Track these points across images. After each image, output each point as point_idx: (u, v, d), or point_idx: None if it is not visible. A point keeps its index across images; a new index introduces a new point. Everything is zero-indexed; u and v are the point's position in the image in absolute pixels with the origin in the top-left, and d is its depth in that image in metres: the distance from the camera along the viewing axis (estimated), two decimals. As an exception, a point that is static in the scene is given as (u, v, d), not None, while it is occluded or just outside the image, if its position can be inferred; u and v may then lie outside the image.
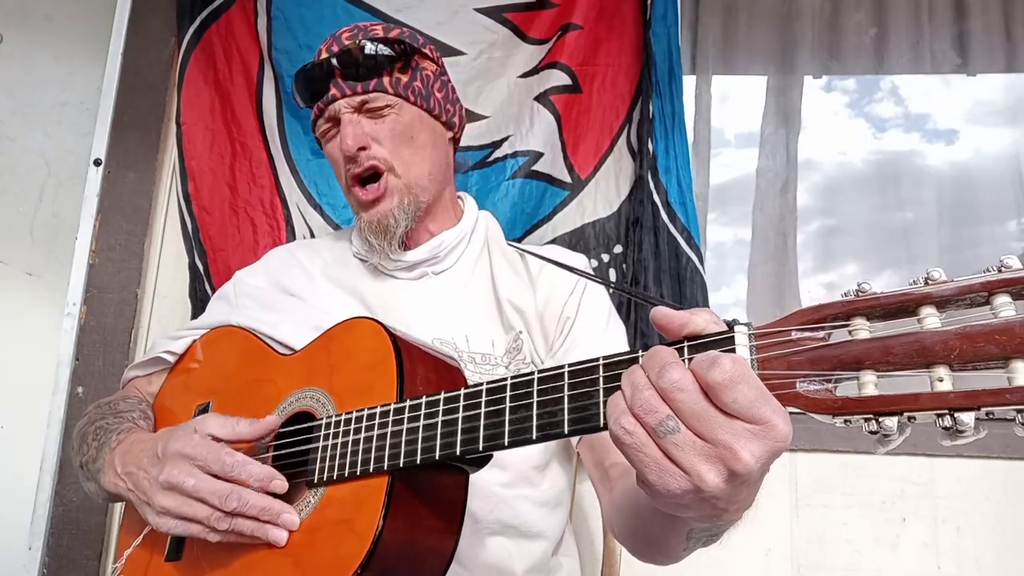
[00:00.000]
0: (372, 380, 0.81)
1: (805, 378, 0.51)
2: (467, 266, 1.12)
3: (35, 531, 1.61)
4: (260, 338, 1.02)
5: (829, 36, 1.90)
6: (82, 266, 1.71)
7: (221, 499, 0.77)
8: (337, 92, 1.03)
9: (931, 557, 1.50)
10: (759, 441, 0.49)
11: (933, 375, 0.47)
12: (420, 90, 1.07)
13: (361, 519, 0.74)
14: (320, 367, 0.89)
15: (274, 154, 1.74)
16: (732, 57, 1.91)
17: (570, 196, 1.69)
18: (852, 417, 0.50)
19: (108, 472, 0.89)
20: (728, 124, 1.72)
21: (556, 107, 1.71)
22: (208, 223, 1.70)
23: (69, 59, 1.92)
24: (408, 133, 1.05)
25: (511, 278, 1.09)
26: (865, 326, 0.51)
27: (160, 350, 1.10)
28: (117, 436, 0.93)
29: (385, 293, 1.09)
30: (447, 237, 1.11)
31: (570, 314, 1.05)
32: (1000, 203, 1.83)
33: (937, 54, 1.87)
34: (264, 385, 0.94)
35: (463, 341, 1.02)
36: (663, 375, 0.51)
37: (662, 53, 1.68)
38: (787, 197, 1.82)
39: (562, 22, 1.74)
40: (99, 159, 1.75)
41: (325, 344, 0.91)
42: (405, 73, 1.06)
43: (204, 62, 1.77)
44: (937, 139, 1.93)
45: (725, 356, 0.50)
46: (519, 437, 0.65)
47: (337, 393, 0.85)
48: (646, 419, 0.52)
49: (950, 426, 0.46)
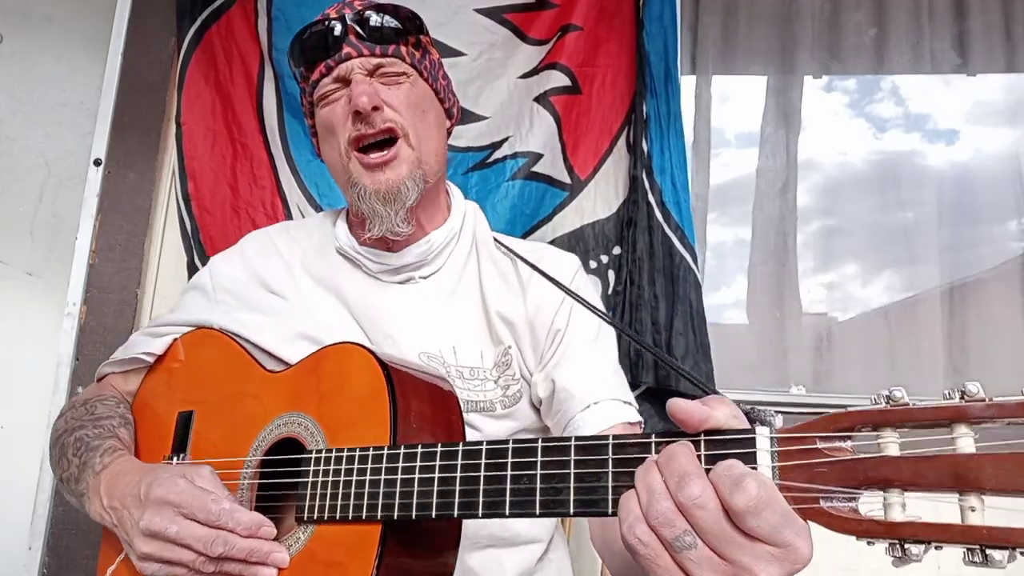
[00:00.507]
0: (365, 416, 0.78)
1: (829, 495, 0.48)
2: (455, 269, 1.06)
3: (35, 531, 1.61)
4: (243, 346, 0.98)
5: (829, 36, 1.90)
6: (82, 266, 1.71)
7: (206, 545, 0.75)
8: (352, 51, 0.96)
9: (931, 557, 1.50)
10: (779, 564, 0.48)
11: (965, 503, 0.45)
12: (430, 69, 1.03)
13: (353, 566, 0.72)
14: (308, 392, 0.86)
15: (275, 154, 1.74)
16: (732, 57, 1.91)
17: (570, 197, 1.69)
18: (877, 540, 0.48)
19: (93, 501, 0.86)
20: (728, 124, 1.73)
21: (556, 108, 1.71)
22: (209, 223, 1.70)
23: (69, 59, 1.92)
24: (421, 106, 0.99)
25: (500, 287, 1.04)
26: (894, 439, 0.48)
27: (138, 350, 1.05)
28: (100, 458, 0.89)
29: (369, 297, 1.03)
30: (436, 238, 1.04)
31: (560, 325, 1.01)
32: (1000, 203, 1.83)
33: (937, 54, 1.87)
34: (249, 401, 0.91)
35: (451, 354, 0.98)
36: (683, 488, 0.49)
37: (658, 53, 1.68)
38: (787, 197, 1.83)
39: (562, 23, 1.74)
40: (99, 159, 1.75)
41: (314, 367, 0.87)
42: (418, 50, 1.02)
43: (205, 63, 1.77)
44: (937, 139, 1.93)
45: (749, 478, 0.48)
46: (521, 510, 0.62)
47: (327, 424, 0.81)
48: (663, 532, 0.50)
49: (980, 561, 0.45)
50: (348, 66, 0.97)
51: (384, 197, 0.96)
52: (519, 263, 1.06)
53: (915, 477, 0.46)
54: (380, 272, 1.04)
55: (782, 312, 1.80)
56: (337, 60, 0.97)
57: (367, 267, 1.05)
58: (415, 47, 1.01)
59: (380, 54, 0.97)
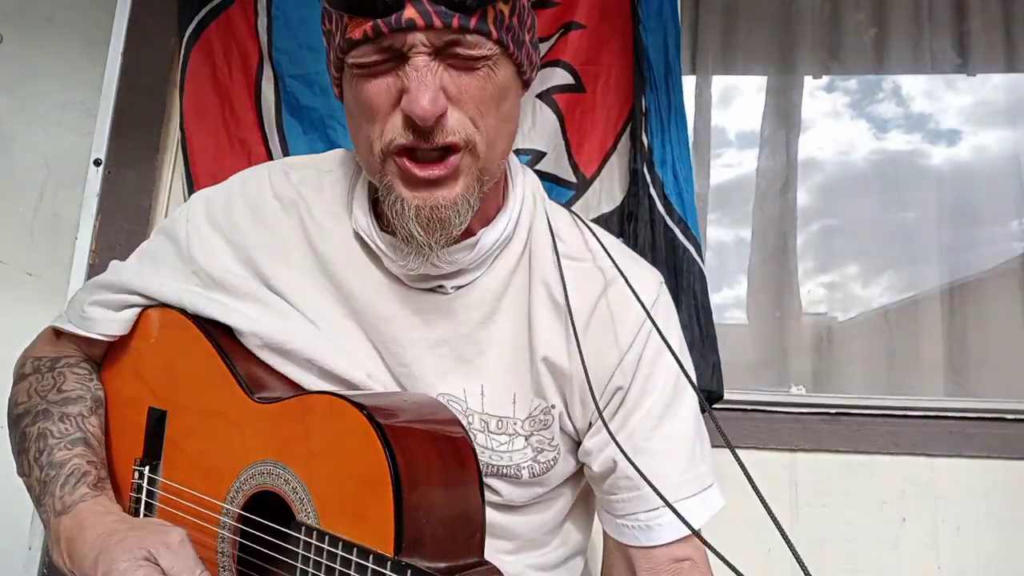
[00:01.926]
0: (363, 503, 0.66)
1: None
2: (498, 282, 0.82)
3: (35, 531, 1.61)
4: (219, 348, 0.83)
5: (829, 36, 1.90)
6: (82, 266, 1.71)
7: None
8: (419, 18, 0.65)
9: (931, 557, 1.50)
10: None
11: None
12: (518, 35, 0.73)
13: None
14: (296, 443, 0.73)
15: (273, 152, 1.74)
16: (732, 57, 1.91)
17: (576, 196, 1.69)
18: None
19: (55, 549, 0.79)
20: (728, 124, 1.73)
21: (559, 106, 1.71)
22: None
23: (69, 59, 1.92)
24: (499, 97, 0.72)
25: (552, 323, 0.81)
26: None
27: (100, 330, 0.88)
28: (61, 490, 0.79)
29: (383, 308, 0.82)
30: (486, 239, 0.80)
31: (622, 382, 0.81)
32: (1000, 203, 1.83)
33: (937, 54, 1.87)
34: (228, 428, 0.81)
35: (476, 398, 0.80)
36: None
37: (657, 47, 1.68)
38: (787, 197, 1.83)
39: (563, 20, 1.73)
40: (99, 159, 1.75)
41: (300, 415, 0.74)
42: (508, 4, 0.71)
43: (202, 62, 1.77)
44: (939, 140, 1.93)
45: None
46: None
47: (318, 494, 0.70)
48: None
49: None
50: (408, 40, 0.67)
51: (427, 222, 0.72)
52: (598, 272, 0.83)
53: None
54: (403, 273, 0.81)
55: (782, 312, 1.80)
56: (393, 25, 0.66)
57: (388, 265, 0.82)
58: (505, 2, 0.70)
59: (458, 27, 0.67)
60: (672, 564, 0.80)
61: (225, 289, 0.85)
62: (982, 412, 1.55)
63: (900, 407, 1.56)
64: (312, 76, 1.72)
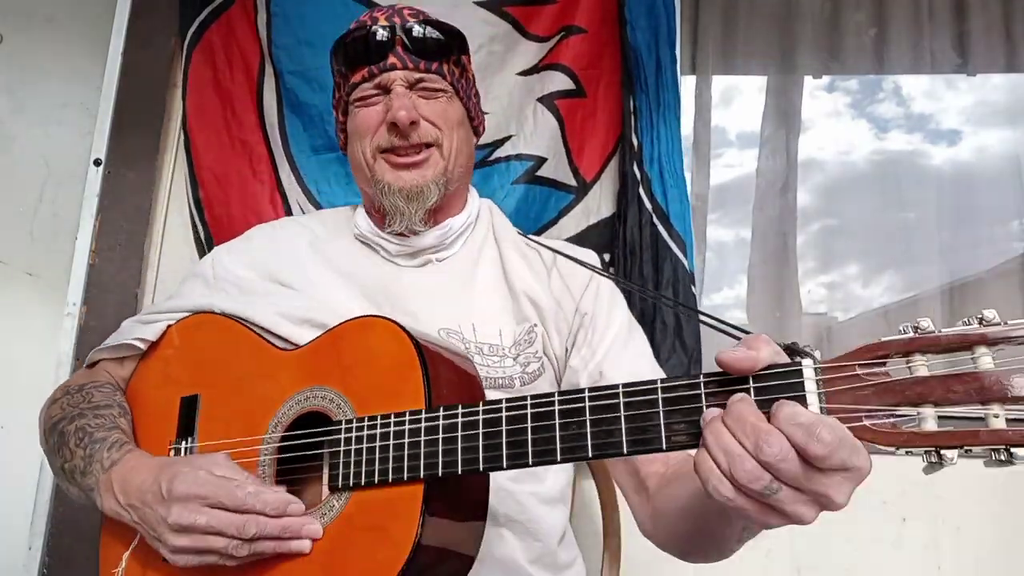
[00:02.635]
0: (397, 385, 0.79)
1: (870, 412, 0.55)
2: (471, 253, 1.10)
3: (35, 531, 1.61)
4: (249, 327, 0.98)
5: (829, 36, 1.90)
6: (82, 266, 1.71)
7: (239, 529, 0.77)
8: (397, 62, 1.01)
9: (931, 557, 1.50)
10: (850, 483, 0.55)
11: (989, 412, 0.52)
12: (466, 89, 1.09)
13: (396, 527, 0.73)
14: (329, 366, 0.86)
15: (275, 151, 1.74)
16: (732, 57, 1.91)
17: (576, 200, 1.69)
18: (915, 449, 0.54)
19: (106, 498, 0.87)
20: (728, 124, 1.73)
21: (559, 111, 1.71)
22: (220, 230, 1.70)
23: (69, 59, 1.92)
24: (456, 121, 1.05)
25: (524, 270, 1.07)
26: (923, 362, 0.55)
27: (131, 336, 1.04)
28: (108, 452, 0.89)
29: (386, 279, 1.06)
30: (454, 223, 1.09)
31: (587, 309, 1.05)
32: (1001, 203, 1.83)
33: (937, 54, 1.87)
34: (262, 381, 0.90)
35: (469, 330, 1.00)
36: (763, 449, 0.54)
37: (648, 45, 1.68)
38: (787, 197, 1.82)
39: (563, 21, 1.73)
40: (99, 159, 1.75)
41: (334, 342, 0.88)
42: (458, 68, 1.07)
43: (204, 63, 1.77)
44: (940, 140, 1.93)
45: (821, 427, 0.53)
46: (573, 455, 0.66)
47: (355, 395, 0.82)
48: (751, 487, 0.55)
49: (1005, 459, 0.52)
50: (391, 76, 1.01)
51: (408, 195, 1.01)
52: (542, 252, 1.11)
53: (946, 392, 0.53)
54: (398, 255, 1.08)
55: (782, 312, 1.80)
56: (381, 68, 1.01)
57: (386, 250, 1.08)
58: (455, 65, 1.06)
59: (424, 69, 1.02)
60: None
61: (245, 291, 1.06)
62: (982, 412, 1.55)
63: (900, 407, 1.56)
64: (311, 72, 1.72)
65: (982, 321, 0.53)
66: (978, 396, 0.52)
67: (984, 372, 0.52)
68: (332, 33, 1.41)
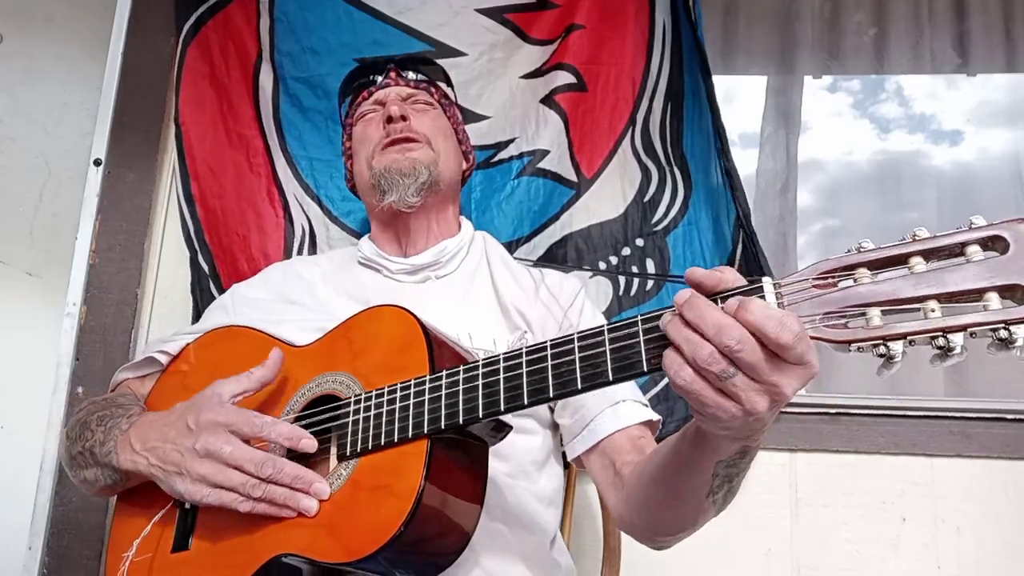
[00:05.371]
0: (402, 361, 0.84)
1: (824, 316, 0.63)
2: (467, 274, 1.21)
3: (35, 531, 1.61)
4: (265, 333, 1.04)
5: (829, 36, 1.90)
6: (82, 266, 1.71)
7: (257, 466, 0.81)
8: (392, 82, 1.26)
9: (931, 557, 1.50)
10: (801, 379, 0.61)
11: (926, 307, 0.59)
12: (452, 113, 1.30)
13: (401, 481, 0.77)
14: (341, 354, 0.91)
15: (271, 144, 1.74)
16: (732, 57, 1.91)
17: (576, 195, 1.69)
18: (864, 344, 0.61)
19: (123, 451, 0.92)
20: (728, 124, 1.72)
21: (563, 106, 1.71)
22: (214, 223, 1.69)
23: (69, 59, 1.92)
24: (444, 131, 1.25)
25: (514, 287, 1.17)
26: (867, 275, 0.62)
27: (153, 350, 1.12)
28: (128, 419, 0.96)
29: (389, 293, 1.14)
30: (448, 245, 1.21)
31: (573, 320, 1.14)
32: (1001, 203, 1.83)
33: (937, 54, 1.87)
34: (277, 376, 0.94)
35: (466, 339, 1.05)
36: (724, 335, 0.59)
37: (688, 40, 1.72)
38: (787, 197, 1.82)
39: (566, 23, 1.73)
40: (99, 159, 1.75)
41: (345, 333, 0.93)
42: (444, 97, 1.30)
43: (199, 58, 1.76)
44: (941, 140, 1.93)
45: (791, 317, 0.59)
46: (564, 390, 0.71)
47: (363, 375, 0.87)
48: (710, 369, 0.60)
49: (943, 346, 0.58)
50: (386, 92, 1.25)
51: (401, 170, 1.16)
52: (531, 271, 1.23)
53: (890, 295, 0.61)
54: (399, 272, 1.20)
55: (782, 312, 1.80)
56: (378, 86, 1.27)
57: (388, 270, 1.21)
58: (441, 91, 1.31)
59: (414, 86, 1.28)
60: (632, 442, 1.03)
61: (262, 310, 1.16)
62: (982, 412, 1.55)
63: (900, 407, 1.56)
64: (315, 79, 1.72)
65: (915, 237, 0.62)
66: (916, 294, 0.59)
67: (919, 273, 0.60)
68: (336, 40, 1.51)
